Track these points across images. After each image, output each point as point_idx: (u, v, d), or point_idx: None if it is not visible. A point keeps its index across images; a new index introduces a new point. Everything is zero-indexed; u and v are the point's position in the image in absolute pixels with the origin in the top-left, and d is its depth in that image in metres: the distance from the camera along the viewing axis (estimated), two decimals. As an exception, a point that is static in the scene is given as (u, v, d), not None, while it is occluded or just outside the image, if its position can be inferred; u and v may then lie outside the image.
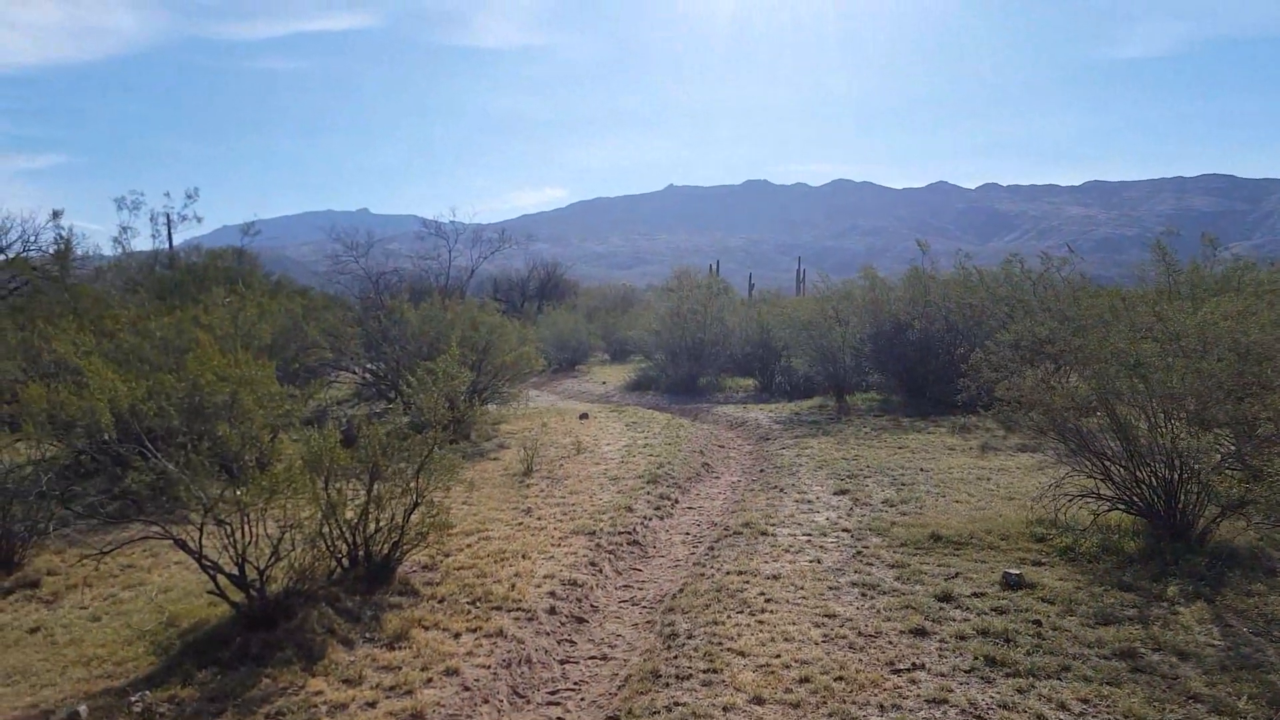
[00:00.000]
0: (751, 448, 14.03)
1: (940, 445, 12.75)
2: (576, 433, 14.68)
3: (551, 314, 32.22)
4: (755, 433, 15.29)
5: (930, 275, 18.93)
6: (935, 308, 17.55)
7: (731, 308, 24.40)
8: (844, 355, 18.65)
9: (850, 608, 6.22)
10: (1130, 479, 7.62)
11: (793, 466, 11.59)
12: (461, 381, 8.44)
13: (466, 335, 14.83)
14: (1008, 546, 7.52)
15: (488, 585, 6.97)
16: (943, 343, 17.04)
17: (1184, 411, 7.52)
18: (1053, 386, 8.31)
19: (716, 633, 5.91)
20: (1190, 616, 5.83)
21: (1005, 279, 17.62)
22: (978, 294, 17.25)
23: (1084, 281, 17.18)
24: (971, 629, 5.68)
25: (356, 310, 17.73)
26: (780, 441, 13.91)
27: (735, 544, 8.08)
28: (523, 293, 41.34)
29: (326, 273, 32.67)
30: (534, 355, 16.41)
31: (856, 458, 11.95)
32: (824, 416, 16.40)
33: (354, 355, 15.70)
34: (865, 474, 10.87)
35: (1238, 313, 8.56)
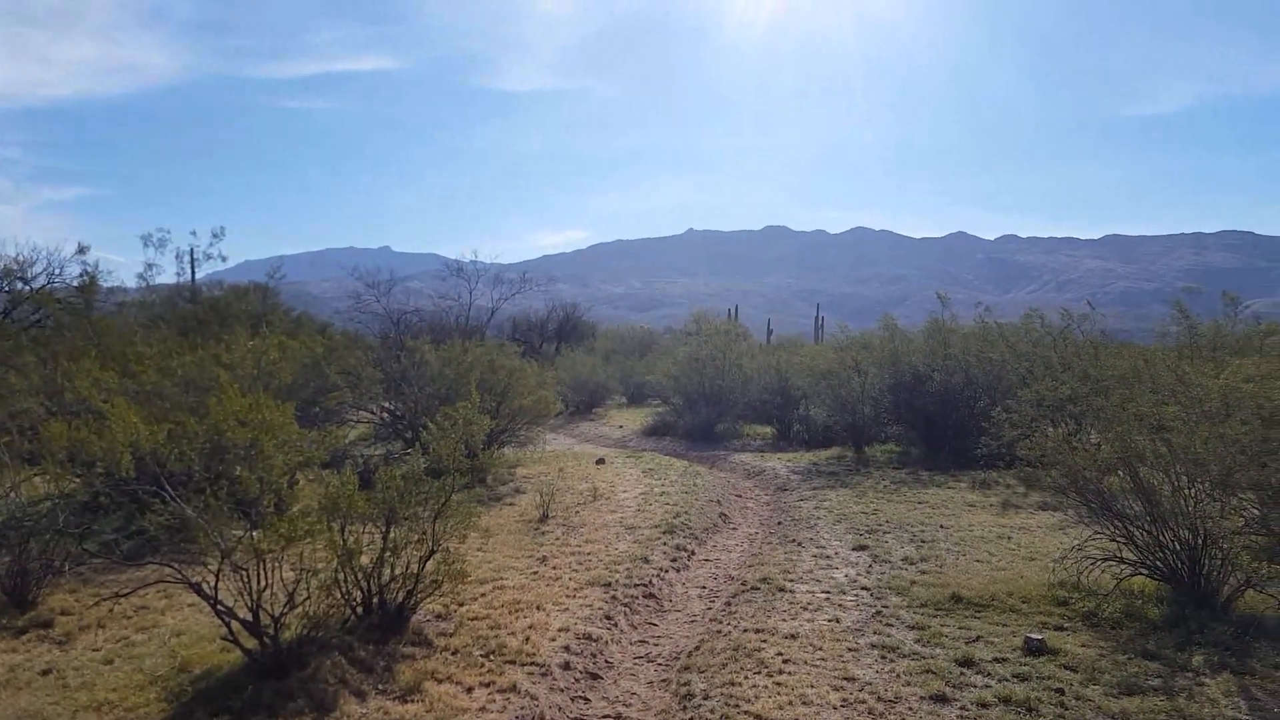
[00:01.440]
0: (769, 498, 13.92)
1: (960, 501, 12.60)
2: (593, 478, 14.64)
3: (570, 356, 32.30)
4: (773, 483, 15.19)
5: (950, 327, 18.88)
6: (955, 360, 17.48)
7: (750, 354, 24.39)
8: (863, 406, 18.56)
9: (870, 670, 6.12)
10: (1153, 543, 7.50)
11: (811, 519, 11.48)
12: (480, 428, 8.45)
13: (485, 378, 14.90)
14: (1029, 609, 7.39)
15: (502, 637, 6.89)
16: (962, 396, 16.94)
17: (1207, 475, 7.42)
18: (1074, 446, 8.24)
19: (733, 694, 5.82)
20: (1216, 688, 5.69)
21: (1025, 334, 17.54)
22: (998, 348, 17.17)
23: (1105, 338, 17.09)
24: (993, 696, 5.57)
25: (376, 350, 17.86)
26: (798, 493, 13.81)
27: (753, 600, 7.99)
28: (541, 334, 41.56)
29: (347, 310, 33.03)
30: (552, 398, 16.44)
31: (876, 512, 11.84)
32: (842, 467, 16.28)
33: (373, 395, 15.79)
34: (884, 529, 10.75)
35: (1261, 376, 8.49)
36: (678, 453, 19.59)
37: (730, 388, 22.62)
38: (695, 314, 32.18)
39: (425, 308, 34.02)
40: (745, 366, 23.05)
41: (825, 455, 17.92)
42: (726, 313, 39.53)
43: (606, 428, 25.43)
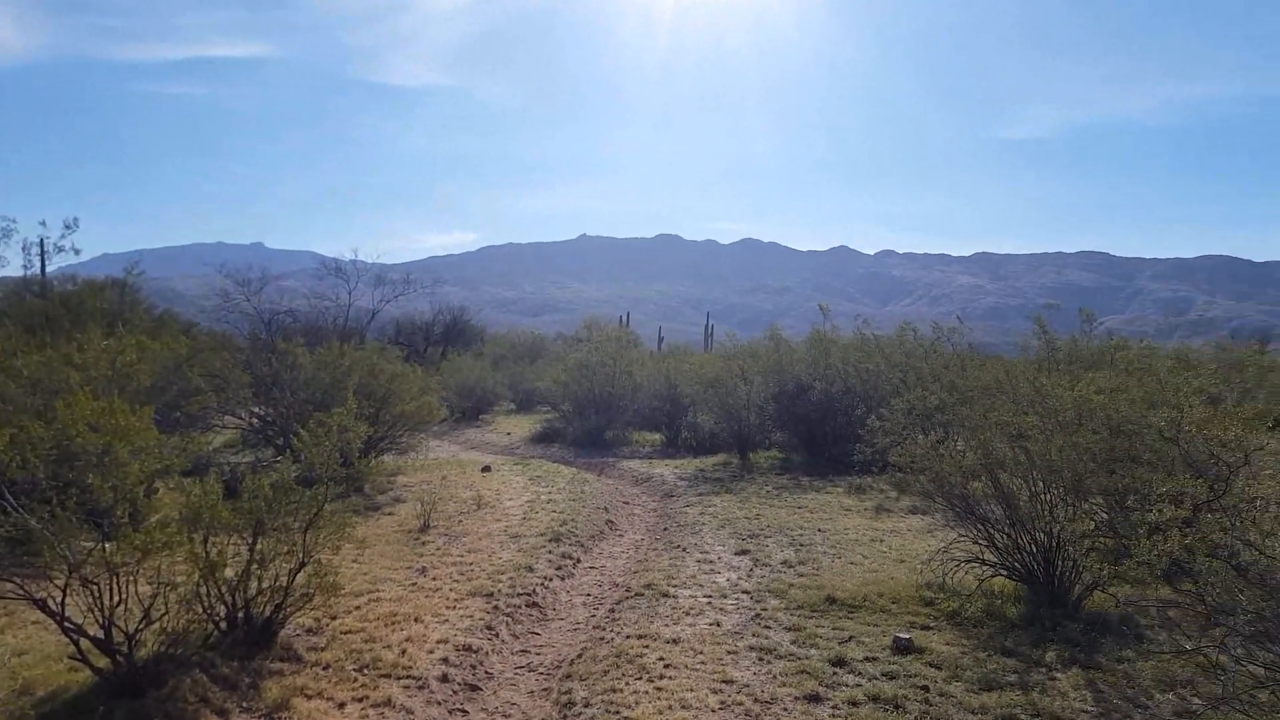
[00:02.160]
0: (656, 504, 14.02)
1: (837, 505, 13.03)
2: (478, 486, 14.38)
3: (456, 361, 31.65)
4: (660, 489, 15.32)
5: (831, 338, 19.55)
6: (835, 370, 18.11)
7: (641, 361, 24.55)
8: (748, 413, 18.97)
9: (748, 673, 6.23)
10: (1012, 545, 7.95)
11: (696, 525, 11.63)
12: (357, 435, 8.15)
13: (364, 382, 14.41)
14: (899, 610, 7.69)
15: (377, 650, 6.67)
16: (841, 404, 17.56)
17: (1061, 481, 7.93)
18: (941, 453, 8.65)
19: (614, 700, 5.81)
20: (1067, 682, 6.06)
21: (900, 346, 18.35)
22: (874, 359, 17.90)
23: (972, 351, 18.07)
24: (863, 695, 5.77)
25: (246, 352, 16.99)
26: (685, 499, 13.97)
27: (637, 606, 8.01)
28: (426, 337, 40.54)
29: (215, 309, 31.18)
30: (436, 404, 16.05)
31: (758, 517, 12.09)
32: (728, 474, 16.58)
33: (241, 399, 15.01)
34: (766, 534, 10.99)
35: (1110, 389, 9.15)
36: (566, 460, 19.50)
37: (620, 394, 22.70)
38: (587, 320, 32.19)
39: (300, 308, 32.53)
40: (636, 374, 23.19)
41: (712, 462, 18.21)
42: (619, 319, 39.72)
43: (494, 435, 25.06)
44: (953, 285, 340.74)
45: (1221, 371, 14.31)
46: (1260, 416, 10.03)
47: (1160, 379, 10.83)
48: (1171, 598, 7.27)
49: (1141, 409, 8.32)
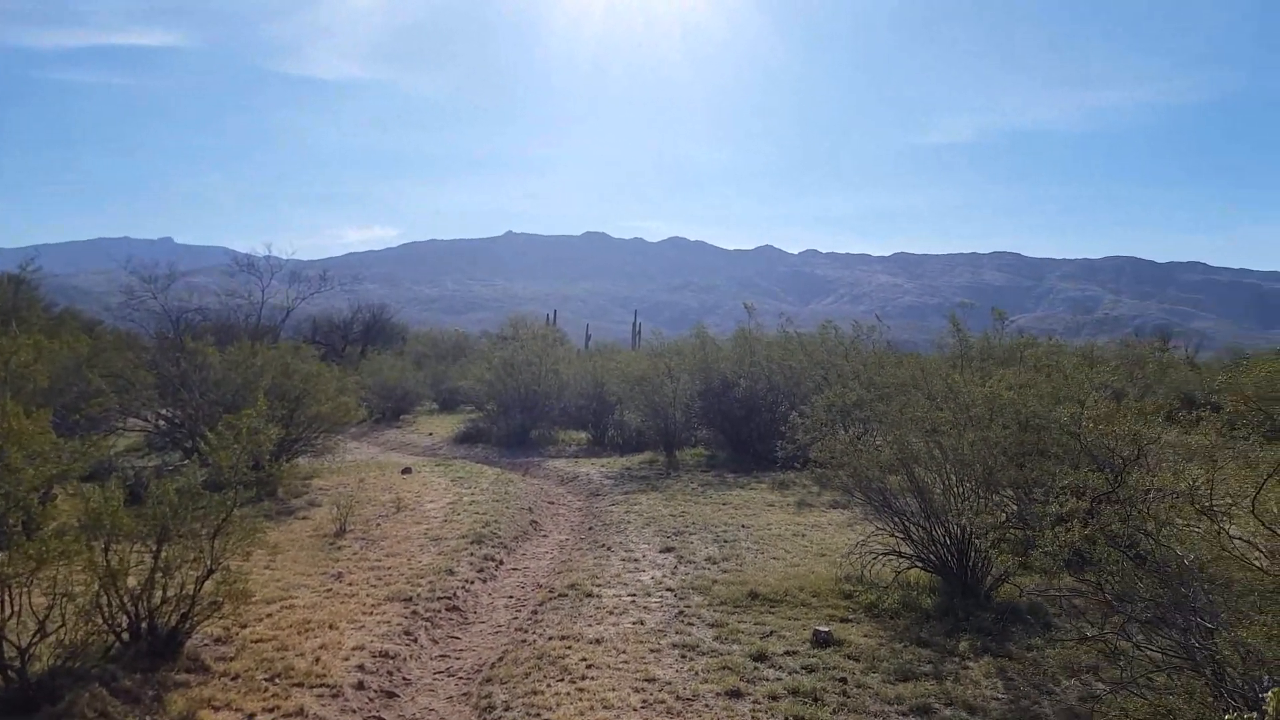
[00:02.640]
0: (582, 504, 13.95)
1: (761, 501, 13.18)
2: (397, 489, 14.05)
3: (376, 360, 30.86)
4: (586, 488, 15.25)
5: (755, 336, 19.77)
6: (760, 368, 18.33)
7: (567, 359, 24.40)
8: (675, 411, 19.04)
9: (670, 670, 6.23)
10: (927, 538, 8.16)
11: (621, 524, 11.60)
12: (268, 437, 7.87)
13: (278, 383, 13.92)
14: (819, 603, 7.81)
15: (289, 659, 6.46)
16: (765, 401, 17.78)
17: (973, 475, 8.18)
18: (860, 449, 8.82)
19: (535, 703, 5.75)
20: (979, 671, 6.25)
21: (822, 343, 18.69)
22: (797, 357, 18.18)
23: (890, 348, 18.50)
24: (783, 688, 5.83)
25: (152, 351, 16.24)
26: (610, 497, 13.93)
27: (560, 607, 7.94)
28: (345, 336, 39.44)
29: (120, 307, 29.63)
30: (354, 405, 15.63)
31: (683, 514, 12.14)
32: (654, 472, 16.61)
33: (146, 401, 14.33)
34: (691, 531, 11.04)
35: (1020, 385, 9.48)
36: (490, 460, 19.24)
37: (546, 393, 22.51)
38: (513, 318, 31.79)
39: (211, 306, 31.20)
40: (562, 372, 23.03)
41: (638, 460, 18.22)
42: (545, 318, 39.40)
43: (415, 435, 24.58)
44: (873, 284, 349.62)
45: (1124, 368, 14.94)
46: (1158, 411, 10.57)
47: (1066, 375, 11.30)
48: (1076, 587, 7.54)
49: (1048, 404, 8.65)
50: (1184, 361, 24.90)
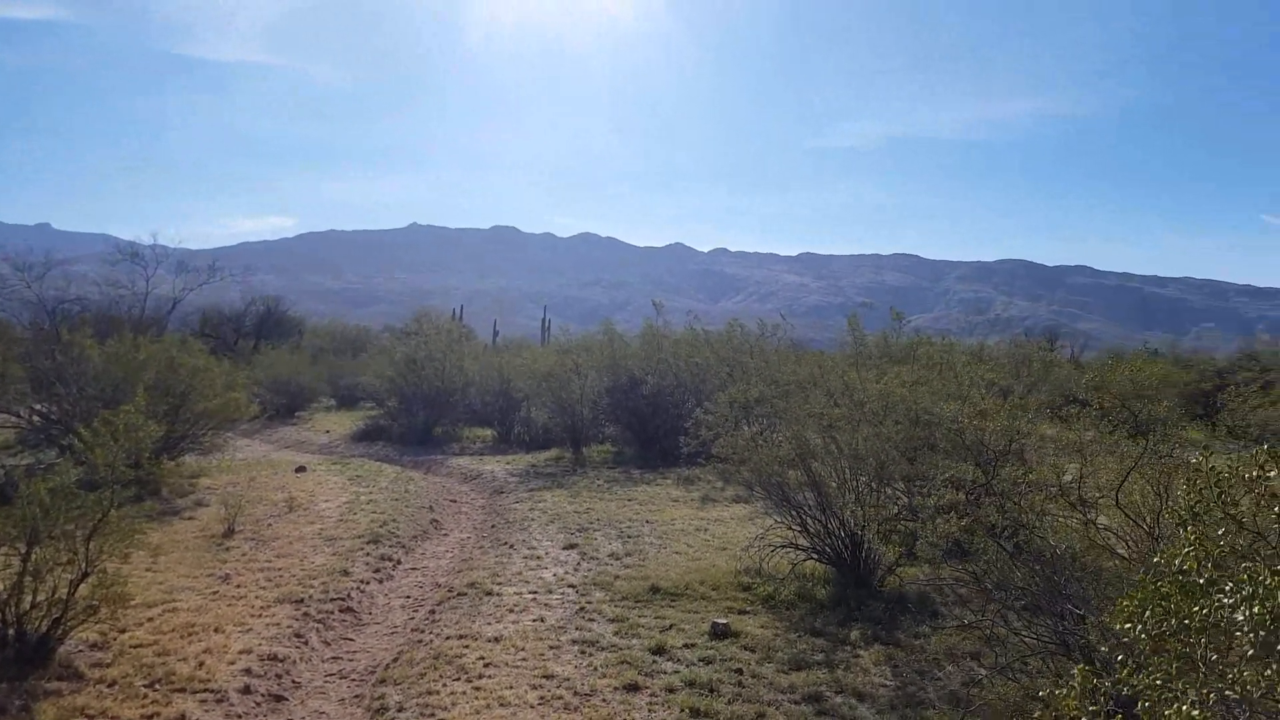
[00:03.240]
0: (485, 502, 13.77)
1: (666, 497, 13.29)
2: (290, 488, 13.55)
3: (270, 354, 29.65)
4: (490, 486, 15.06)
5: (664, 333, 19.91)
6: (667, 365, 18.46)
7: (473, 355, 24.02)
8: (582, 407, 18.99)
9: (569, 667, 6.22)
10: (823, 530, 8.39)
11: (525, 521, 11.50)
12: (149, 434, 7.47)
13: (162, 377, 13.22)
14: (718, 596, 7.93)
15: (170, 664, 6.18)
16: (673, 398, 17.94)
17: (867, 469, 8.45)
18: (760, 444, 9.00)
19: (430, 703, 5.65)
20: (869, 659, 6.46)
21: (728, 341, 18.97)
22: (704, 354, 18.40)
23: (794, 346, 18.94)
24: (680, 681, 5.89)
25: (26, 343, 15.19)
26: (515, 495, 13.80)
27: (458, 606, 7.82)
28: (237, 329, 37.75)
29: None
30: (244, 401, 14.99)
31: (588, 510, 12.12)
32: (560, 468, 16.54)
33: (19, 395, 13.40)
34: (595, 527, 11.03)
35: (911, 382, 9.84)
36: (391, 458, 18.78)
37: (451, 390, 22.09)
38: (417, 312, 31.06)
39: (91, 296, 29.31)
40: (468, 368, 22.64)
41: (545, 457, 18.11)
42: (451, 312, 38.69)
43: (311, 433, 23.79)
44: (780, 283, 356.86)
45: (1011, 366, 15.66)
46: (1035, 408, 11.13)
47: (956, 373, 11.80)
48: (959, 576, 7.88)
49: (938, 401, 9.01)
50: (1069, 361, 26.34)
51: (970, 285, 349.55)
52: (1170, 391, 16.54)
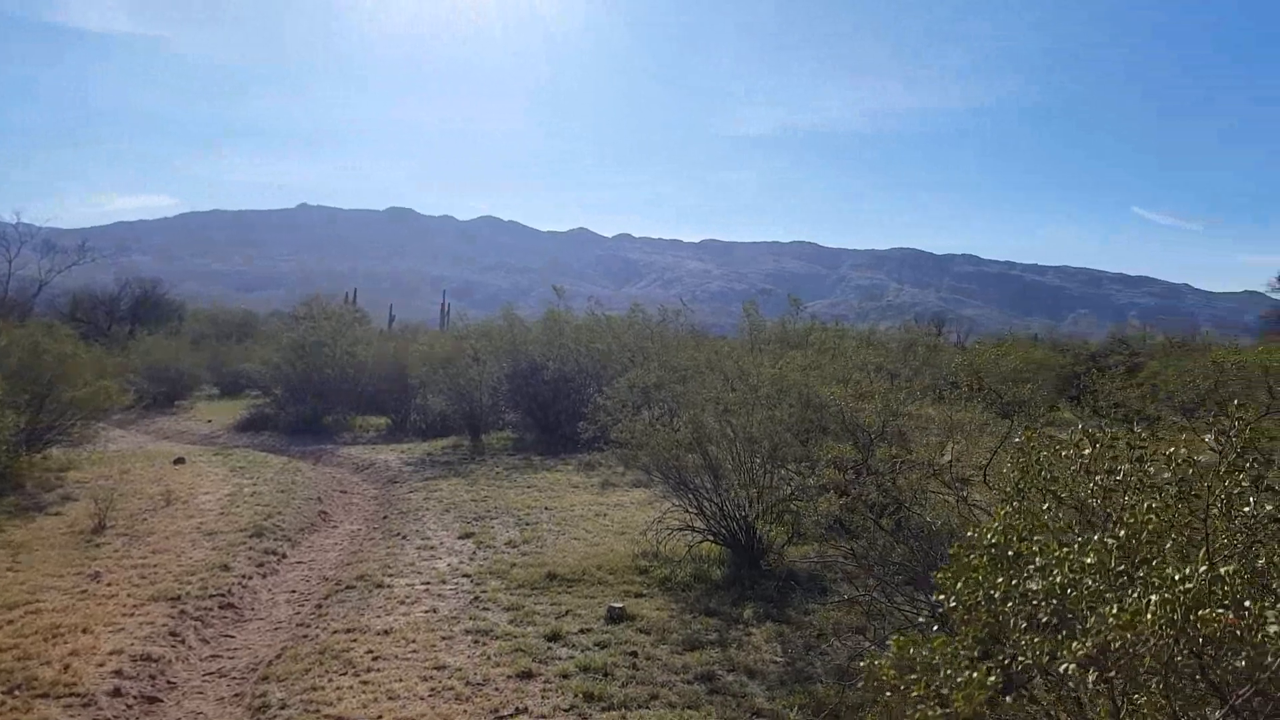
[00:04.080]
0: (377, 492, 13.42)
1: (566, 483, 13.25)
2: (168, 480, 12.87)
3: (148, 340, 28.07)
4: (383, 475, 14.68)
5: (565, 318, 19.81)
6: (569, 350, 18.38)
7: (366, 341, 23.34)
8: (481, 394, 18.73)
9: (461, 657, 6.13)
10: (718, 512, 8.53)
11: (419, 511, 11.26)
12: (7, 425, 6.96)
13: (26, 364, 12.31)
14: (615, 580, 7.96)
15: (32, 669, 5.80)
16: (575, 383, 17.87)
17: (761, 451, 8.63)
18: (657, 429, 9.07)
19: (314, 699, 5.47)
20: (760, 636, 6.61)
21: (630, 327, 19.03)
22: (605, 340, 18.40)
23: (695, 332, 19.16)
24: (575, 666, 5.89)
25: None
26: (409, 484, 13.49)
27: (347, 599, 7.59)
28: (111, 313, 35.50)
29: None
30: (117, 389, 14.13)
31: (486, 499, 11.97)
32: (457, 456, 16.27)
33: None
34: (492, 515, 10.90)
35: (804, 367, 10.11)
36: (277, 448, 18.07)
37: (342, 377, 21.42)
38: (307, 297, 29.96)
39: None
40: (360, 354, 21.97)
41: (441, 445, 17.78)
42: (344, 296, 37.50)
43: (192, 422, 22.66)
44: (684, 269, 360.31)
45: (899, 351, 16.26)
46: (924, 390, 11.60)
47: (846, 357, 12.17)
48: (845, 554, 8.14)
49: (829, 384, 9.27)
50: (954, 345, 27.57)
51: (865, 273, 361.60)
52: (1047, 375, 17.51)
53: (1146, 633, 1.82)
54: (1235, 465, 2.35)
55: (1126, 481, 2.53)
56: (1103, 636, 1.86)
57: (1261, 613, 1.79)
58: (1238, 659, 1.82)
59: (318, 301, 27.20)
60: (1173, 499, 2.39)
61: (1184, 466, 2.43)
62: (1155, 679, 1.98)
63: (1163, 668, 1.90)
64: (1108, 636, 1.85)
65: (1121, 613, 1.85)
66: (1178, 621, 1.81)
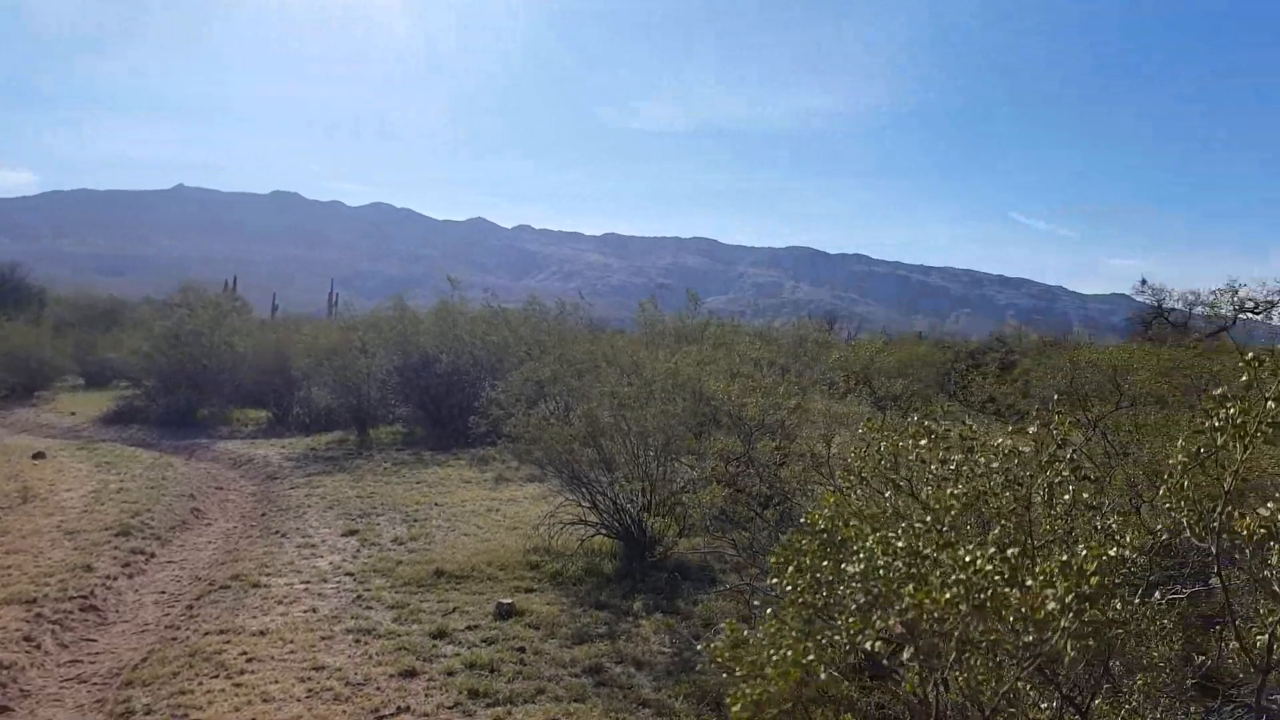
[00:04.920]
0: (256, 489, 12.87)
1: (458, 478, 13.04)
2: (25, 476, 11.97)
3: (5, 326, 26.00)
4: (263, 471, 14.09)
5: (459, 309, 19.46)
6: (463, 342, 18.05)
7: (246, 330, 22.29)
8: (369, 387, 18.18)
9: (342, 657, 5.96)
10: (611, 505, 8.58)
11: (300, 508, 10.86)
12: None
13: None
14: (505, 576, 7.90)
15: None
16: (469, 377, 17.55)
17: (655, 445, 8.73)
18: (553, 423, 9.05)
19: (183, 703, 5.23)
20: (650, 628, 6.69)
21: (526, 320, 18.86)
22: (501, 332, 18.17)
23: (594, 326, 19.17)
24: (461, 663, 5.82)
25: None
26: (290, 480, 12.99)
27: (220, 600, 7.25)
28: (-41, 300, 32.78)
29: None
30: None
31: (372, 495, 11.65)
32: (343, 452, 15.77)
33: None
34: (379, 512, 10.63)
35: (698, 361, 10.27)
36: (148, 443, 17.08)
37: (220, 368, 20.40)
38: (183, 283, 28.48)
39: None
40: (239, 344, 20.96)
41: (326, 440, 17.18)
42: (224, 284, 35.79)
43: (53, 415, 21.17)
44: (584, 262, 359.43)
45: (790, 346, 16.73)
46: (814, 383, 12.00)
47: (739, 353, 12.46)
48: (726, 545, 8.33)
49: (720, 379, 9.46)
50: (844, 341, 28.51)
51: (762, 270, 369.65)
52: (929, 371, 18.37)
53: (940, 611, 1.99)
54: (1055, 456, 2.56)
55: (959, 471, 2.72)
56: (904, 615, 2.02)
57: (1042, 590, 1.97)
58: (1026, 634, 2.00)
59: (193, 289, 25.88)
60: (999, 487, 2.59)
61: (1009, 457, 2.63)
62: (963, 654, 2.15)
63: (962, 644, 2.07)
64: (908, 615, 2.01)
65: (917, 592, 2.00)
66: (970, 600, 1.98)
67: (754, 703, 2.10)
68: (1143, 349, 12.29)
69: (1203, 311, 18.46)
